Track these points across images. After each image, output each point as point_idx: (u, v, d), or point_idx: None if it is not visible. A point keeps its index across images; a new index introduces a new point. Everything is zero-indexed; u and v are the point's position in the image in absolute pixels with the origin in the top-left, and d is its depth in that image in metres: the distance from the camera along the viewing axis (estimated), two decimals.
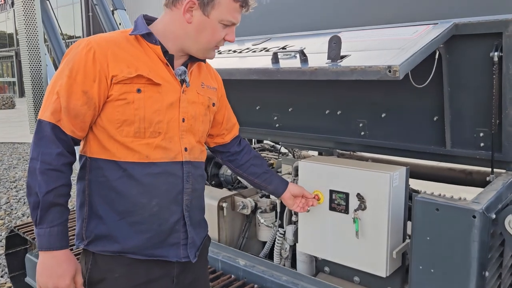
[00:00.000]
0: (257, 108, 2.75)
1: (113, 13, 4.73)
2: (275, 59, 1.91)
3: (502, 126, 1.88)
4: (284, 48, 2.03)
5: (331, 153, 2.65)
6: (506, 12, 1.75)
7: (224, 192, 2.76)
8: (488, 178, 1.99)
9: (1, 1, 38.49)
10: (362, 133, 2.33)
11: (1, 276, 4.04)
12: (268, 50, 2.14)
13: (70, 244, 1.43)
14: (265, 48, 2.20)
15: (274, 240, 2.54)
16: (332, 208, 2.01)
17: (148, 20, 1.52)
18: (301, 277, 2.16)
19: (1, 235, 4.93)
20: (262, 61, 2.01)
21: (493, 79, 1.82)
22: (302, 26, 2.36)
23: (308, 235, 2.16)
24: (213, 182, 3.47)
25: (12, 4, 3.45)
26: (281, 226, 2.47)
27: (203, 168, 1.63)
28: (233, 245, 2.64)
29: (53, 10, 4.48)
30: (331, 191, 2.01)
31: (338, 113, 2.40)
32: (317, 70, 1.67)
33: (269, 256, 2.62)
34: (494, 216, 1.62)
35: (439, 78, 1.95)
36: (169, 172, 1.46)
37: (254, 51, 2.22)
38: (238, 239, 2.70)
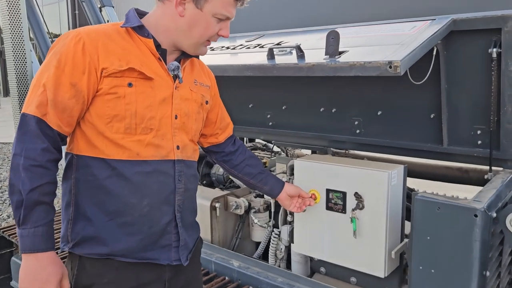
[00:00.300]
0: (250, 106, 2.70)
1: (101, 10, 4.64)
2: (271, 55, 1.86)
3: (501, 124, 1.86)
4: (279, 45, 1.98)
5: (326, 152, 2.60)
6: (505, 8, 1.73)
7: (217, 192, 2.71)
8: (486, 176, 1.96)
9: None
10: (358, 131, 2.29)
11: None
12: (263, 47, 2.09)
13: (56, 248, 1.36)
14: (259, 45, 2.15)
15: (268, 241, 2.50)
16: (329, 208, 1.97)
17: (140, 14, 1.46)
18: (297, 278, 2.11)
19: None
20: (257, 58, 1.96)
21: (492, 76, 1.79)
22: (297, 23, 2.32)
23: (304, 236, 2.12)
24: (205, 182, 3.42)
25: None
26: (276, 226, 2.43)
27: (196, 168, 1.57)
28: (226, 246, 2.59)
29: (39, 8, 4.38)
30: (328, 190, 1.97)
31: (333, 111, 2.36)
32: (315, 66, 1.63)
33: (263, 257, 2.58)
34: (495, 215, 1.59)
35: (436, 75, 1.92)
36: (161, 171, 1.40)
37: (248, 48, 2.17)
38: (231, 240, 2.64)
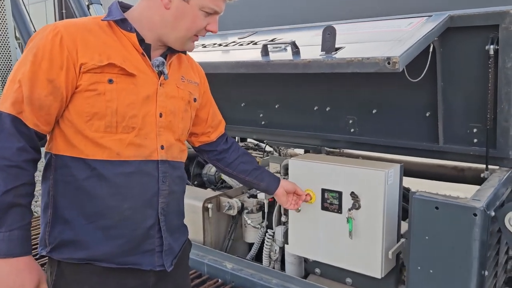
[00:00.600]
0: (242, 105, 2.65)
1: (89, 8, 4.55)
2: (265, 52, 1.82)
3: (497, 122, 1.84)
4: (273, 41, 1.93)
5: (319, 151, 2.57)
6: (502, 4, 1.71)
7: (209, 193, 2.66)
8: (483, 175, 1.94)
9: None
10: (352, 130, 2.26)
11: None
12: (256, 43, 2.04)
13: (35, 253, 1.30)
14: (253, 41, 2.10)
15: (262, 242, 2.46)
16: (325, 208, 1.93)
17: (124, 8, 1.39)
18: (292, 280, 2.08)
19: None
20: (250, 54, 1.91)
21: (489, 73, 1.77)
22: (291, 19, 2.28)
23: (299, 236, 2.08)
24: (196, 182, 3.37)
25: None
26: (269, 227, 2.39)
27: (183, 169, 1.50)
28: (219, 248, 2.54)
29: (25, 7, 4.29)
30: (323, 190, 1.94)
31: (327, 110, 2.32)
32: (311, 63, 1.59)
33: (256, 258, 2.53)
34: (493, 214, 1.57)
35: (432, 73, 1.90)
36: (143, 172, 1.34)
37: (241, 44, 2.12)
38: (224, 241, 2.60)
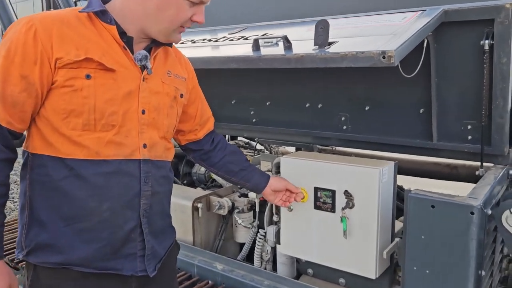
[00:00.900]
0: (233, 102, 2.60)
1: (76, 4, 4.46)
2: (256, 47, 1.77)
3: (492, 118, 1.81)
4: (265, 37, 1.88)
5: (311, 149, 2.53)
6: None
7: (199, 192, 2.60)
8: (478, 173, 1.91)
9: None
10: (344, 127, 2.23)
11: None
12: (247, 39, 1.99)
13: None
14: (243, 37, 2.05)
15: (253, 242, 2.41)
16: (318, 207, 1.89)
17: None
18: (284, 281, 2.03)
19: None
20: (241, 50, 1.86)
21: (484, 69, 1.74)
22: (282, 15, 2.22)
23: (291, 236, 2.03)
24: (185, 182, 3.31)
25: None
26: (261, 227, 2.33)
27: (169, 169, 1.44)
28: (209, 248, 2.49)
29: (12, 6, 4.19)
30: (316, 189, 1.89)
31: (319, 106, 2.28)
32: (304, 57, 1.54)
33: (247, 259, 2.48)
34: (490, 212, 1.53)
35: (426, 69, 1.86)
36: (124, 172, 1.28)
37: (231, 40, 2.07)
38: (214, 242, 2.54)
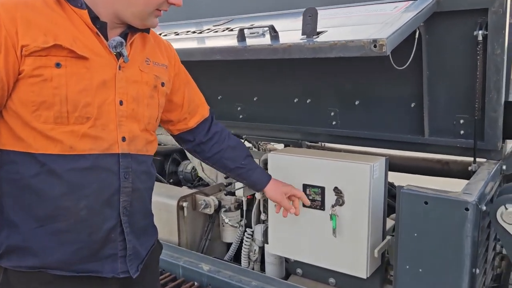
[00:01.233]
0: (219, 98, 2.53)
1: None
2: (241, 37, 1.69)
3: (485, 112, 1.76)
4: (251, 28, 1.80)
5: (300, 145, 2.47)
6: None
7: (184, 191, 2.52)
8: (471, 168, 1.87)
9: None
10: (334, 123, 2.17)
11: None
12: (232, 30, 1.91)
13: None
14: (229, 28, 1.97)
15: (240, 241, 2.33)
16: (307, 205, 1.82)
17: None
18: (272, 281, 1.96)
19: None
20: (226, 41, 1.78)
21: (477, 60, 1.69)
22: (269, 6, 2.15)
23: (280, 235, 1.97)
24: (172, 180, 3.23)
25: None
26: (248, 226, 2.26)
27: (150, 164, 1.35)
28: (195, 248, 2.41)
29: None
30: (305, 186, 1.83)
31: (308, 102, 2.23)
32: (291, 47, 1.47)
33: (235, 259, 2.41)
34: (484, 208, 1.48)
35: (418, 61, 1.81)
36: (101, 167, 1.19)
37: (216, 31, 1.99)
38: (200, 242, 2.46)
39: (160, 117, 1.50)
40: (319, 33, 1.50)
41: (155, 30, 2.24)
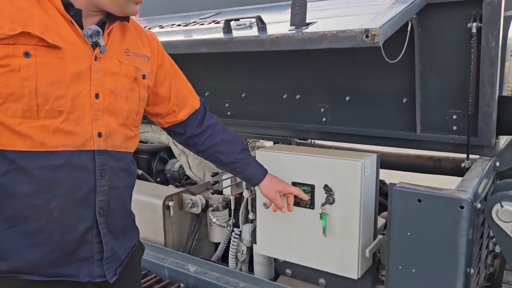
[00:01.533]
0: (206, 94, 2.47)
1: None
2: (227, 29, 1.62)
3: (479, 107, 1.72)
4: (238, 20, 1.74)
5: (289, 143, 2.41)
6: None
7: (170, 190, 2.45)
8: (464, 165, 1.82)
9: None
10: (324, 119, 2.12)
11: None
12: (218, 23, 1.85)
13: None
14: (215, 21, 1.90)
15: (228, 241, 2.27)
16: (296, 203, 1.76)
17: None
18: (261, 283, 1.90)
19: None
20: (212, 34, 1.71)
21: (471, 54, 1.64)
22: None
23: (268, 235, 1.91)
24: (159, 179, 3.16)
25: None
26: (237, 226, 2.20)
27: (130, 160, 1.28)
28: (182, 249, 2.34)
29: None
30: (294, 184, 1.77)
31: (297, 98, 2.17)
32: (279, 39, 1.40)
33: (223, 259, 2.35)
34: (479, 206, 1.43)
35: (410, 55, 1.76)
36: (75, 165, 1.11)
37: (202, 24, 1.92)
38: (187, 242, 2.39)
39: (147, 111, 1.44)
40: (308, 24, 1.44)
41: (140, 24, 2.17)
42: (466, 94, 1.71)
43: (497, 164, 1.84)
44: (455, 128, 1.81)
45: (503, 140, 1.99)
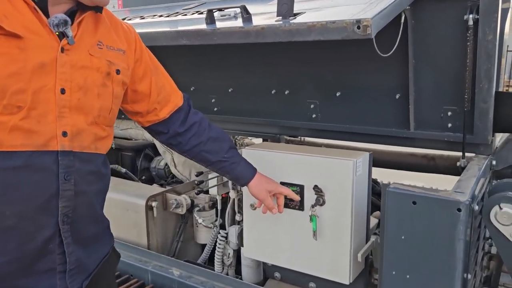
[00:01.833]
0: (192, 89, 2.38)
1: None
2: (210, 19, 1.52)
3: (475, 103, 1.65)
4: (222, 10, 1.64)
5: (278, 140, 2.32)
6: None
7: (154, 189, 2.35)
8: (459, 163, 1.75)
9: None
10: (314, 116, 2.05)
11: None
12: (202, 13, 1.74)
13: None
14: (199, 11, 1.80)
15: (215, 243, 2.18)
16: (285, 205, 1.66)
17: None
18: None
19: None
20: (195, 25, 1.61)
21: (467, 47, 1.56)
22: None
23: (256, 238, 1.82)
24: (144, 177, 3.06)
25: None
26: (223, 227, 2.11)
27: (101, 163, 1.17)
28: (166, 251, 2.25)
29: None
30: (282, 184, 1.66)
31: (286, 93, 2.09)
32: (265, 30, 1.31)
33: (210, 261, 2.26)
34: (477, 207, 1.36)
35: (403, 49, 1.68)
36: (35, 167, 1.02)
37: (185, 15, 1.82)
38: (172, 244, 2.30)
39: (126, 109, 1.34)
40: (296, 15, 1.35)
41: (120, 15, 2.05)
42: (462, 90, 1.64)
43: (493, 163, 1.77)
44: (450, 125, 1.74)
45: (499, 138, 1.93)
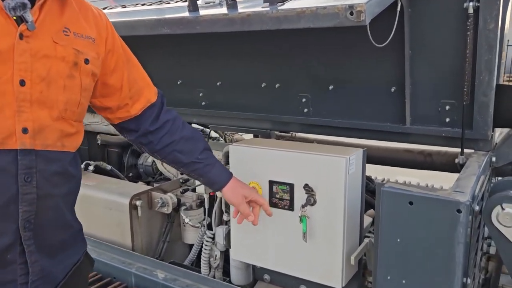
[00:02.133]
0: (179, 83, 2.30)
1: None
2: (193, 7, 1.42)
3: (475, 96, 1.57)
4: None
5: (269, 135, 2.24)
6: None
7: (139, 187, 2.27)
8: (457, 160, 1.67)
9: None
10: (305, 110, 1.97)
11: None
12: (186, 1, 1.64)
13: None
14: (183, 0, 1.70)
15: (203, 243, 2.09)
16: (273, 204, 1.60)
17: None
18: None
19: None
20: (178, 13, 1.51)
21: (467, 37, 1.48)
22: None
23: (244, 239, 1.74)
24: (131, 174, 2.96)
25: None
26: (210, 228, 2.02)
27: (69, 162, 1.08)
28: (151, 252, 2.16)
29: None
30: (271, 183, 1.61)
31: (277, 86, 2.02)
32: (251, 17, 1.22)
33: (197, 262, 2.17)
34: (477, 208, 1.28)
35: (399, 40, 1.60)
36: None
37: (168, 3, 1.71)
38: (158, 244, 2.21)
39: (94, 104, 1.23)
40: (285, 0, 1.25)
41: (104, 4, 1.92)
42: (461, 83, 1.57)
43: (493, 160, 1.69)
44: (448, 120, 1.68)
45: (498, 133, 1.85)
